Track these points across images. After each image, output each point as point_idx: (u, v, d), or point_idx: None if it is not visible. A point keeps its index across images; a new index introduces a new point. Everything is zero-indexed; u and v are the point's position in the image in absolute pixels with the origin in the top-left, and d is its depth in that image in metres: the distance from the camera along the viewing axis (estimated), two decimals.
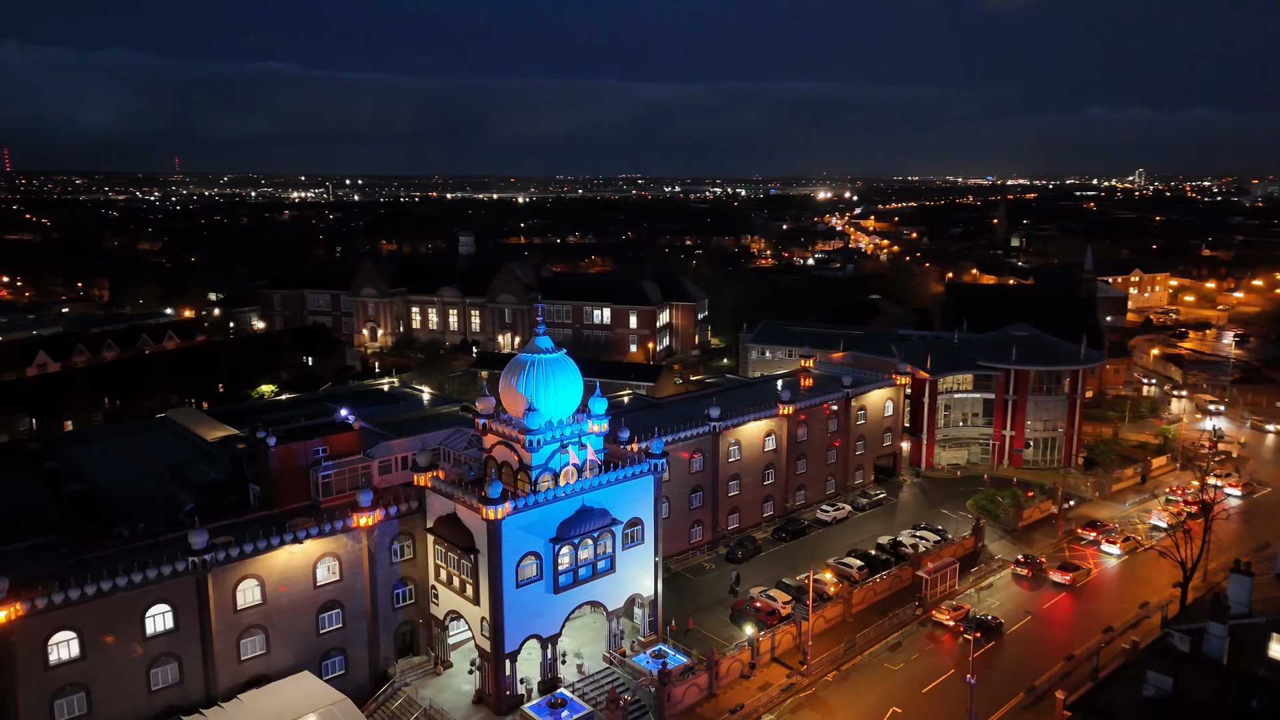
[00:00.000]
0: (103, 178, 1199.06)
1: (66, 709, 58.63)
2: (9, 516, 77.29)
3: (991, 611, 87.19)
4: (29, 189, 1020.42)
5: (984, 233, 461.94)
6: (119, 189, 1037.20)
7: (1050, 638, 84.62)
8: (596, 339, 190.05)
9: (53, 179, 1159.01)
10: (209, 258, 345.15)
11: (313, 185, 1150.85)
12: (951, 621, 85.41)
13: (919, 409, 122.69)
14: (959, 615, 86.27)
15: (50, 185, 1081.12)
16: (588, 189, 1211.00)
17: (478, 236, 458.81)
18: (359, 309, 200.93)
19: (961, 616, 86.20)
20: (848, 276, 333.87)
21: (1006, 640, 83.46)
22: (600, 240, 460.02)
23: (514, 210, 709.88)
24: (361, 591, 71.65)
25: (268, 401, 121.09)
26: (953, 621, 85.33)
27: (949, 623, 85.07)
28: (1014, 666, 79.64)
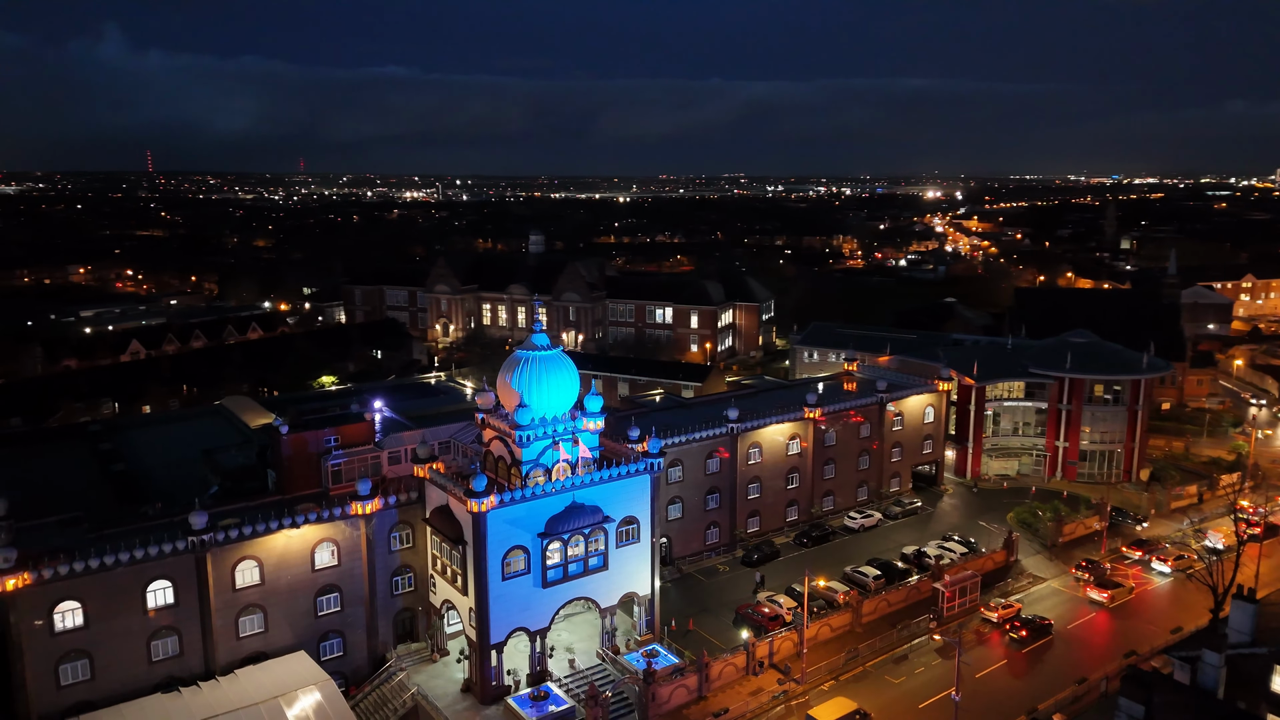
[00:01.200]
0: (234, 178, 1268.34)
1: (70, 674, 63.05)
2: (57, 492, 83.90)
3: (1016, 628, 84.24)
4: (167, 188, 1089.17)
5: (1095, 234, 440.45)
6: (247, 189, 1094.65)
7: (1068, 658, 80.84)
8: (658, 338, 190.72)
9: (189, 179, 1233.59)
10: (313, 254, 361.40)
11: (425, 185, 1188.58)
12: (997, 619, 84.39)
13: (965, 416, 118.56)
14: (1008, 614, 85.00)
15: (186, 185, 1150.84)
16: (689, 189, 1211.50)
17: (571, 235, 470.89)
18: (433, 305, 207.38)
19: (1011, 615, 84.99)
20: (938, 278, 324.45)
21: (1019, 659, 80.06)
22: (690, 240, 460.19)
23: (612, 210, 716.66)
24: (360, 577, 74.36)
25: (319, 391, 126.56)
26: (998, 619, 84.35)
27: (995, 619, 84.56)
28: (1022, 686, 76.58)
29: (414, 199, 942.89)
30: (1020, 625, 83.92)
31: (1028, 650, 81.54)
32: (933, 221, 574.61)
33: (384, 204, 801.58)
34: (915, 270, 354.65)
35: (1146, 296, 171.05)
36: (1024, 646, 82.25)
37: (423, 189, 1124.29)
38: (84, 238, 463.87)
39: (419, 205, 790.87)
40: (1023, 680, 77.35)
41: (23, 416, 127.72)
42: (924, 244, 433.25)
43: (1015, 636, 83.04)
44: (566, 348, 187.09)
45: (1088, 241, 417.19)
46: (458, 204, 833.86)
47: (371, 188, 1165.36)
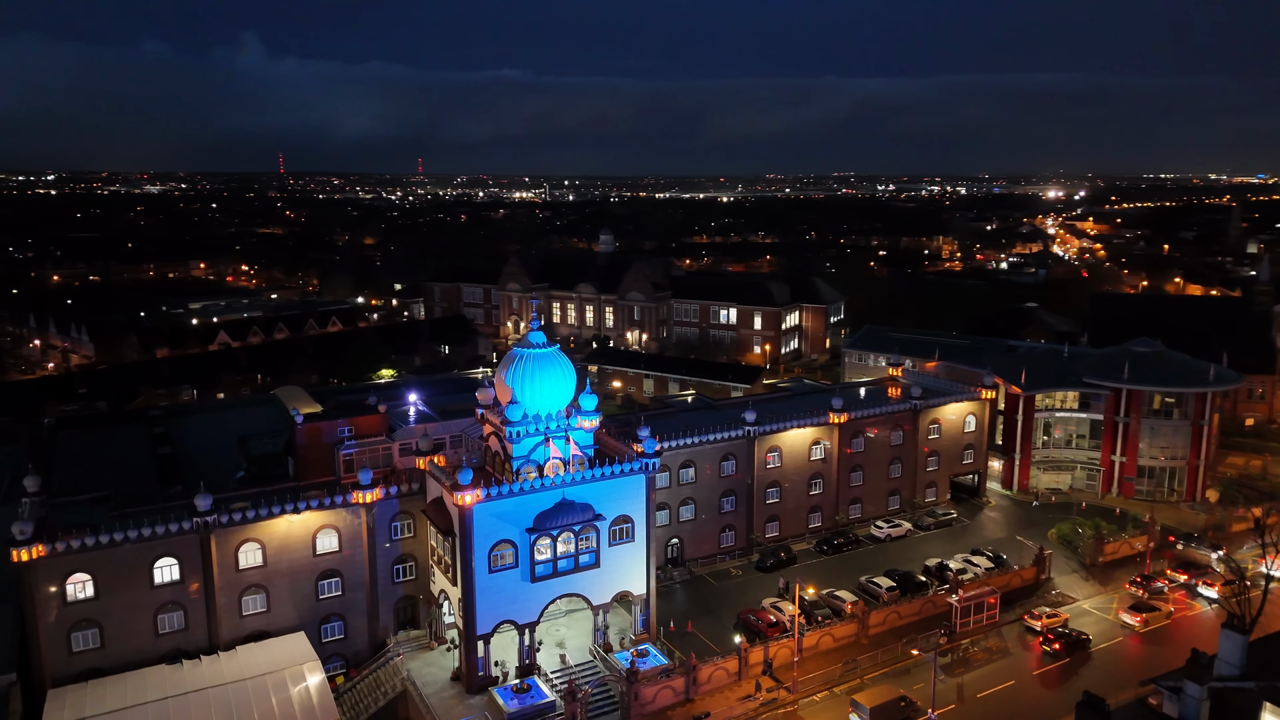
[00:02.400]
0: (356, 179, 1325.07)
1: (81, 641, 67.82)
2: (107, 471, 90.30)
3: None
4: (294, 188, 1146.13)
5: (1220, 237, 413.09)
6: (367, 189, 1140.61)
7: (1081, 682, 76.65)
8: (722, 339, 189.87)
9: (315, 179, 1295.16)
10: (413, 252, 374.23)
11: (534, 186, 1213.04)
12: (1040, 628, 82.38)
13: (1013, 426, 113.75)
14: (1053, 624, 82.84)
15: (312, 185, 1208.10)
16: (795, 188, 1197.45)
17: (665, 235, 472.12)
18: (505, 303, 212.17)
19: (1057, 625, 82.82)
20: (1037, 282, 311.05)
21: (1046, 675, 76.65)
22: (784, 240, 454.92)
23: (712, 209, 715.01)
24: (361, 564, 77.25)
25: (369, 384, 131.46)
26: (1041, 628, 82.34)
27: (1038, 628, 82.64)
28: (1027, 712, 73.31)
29: (522, 199, 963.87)
30: (1054, 638, 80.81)
31: (1059, 665, 78.95)
32: (1044, 223, 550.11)
33: (492, 204, 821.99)
34: (1015, 273, 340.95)
35: (1237, 305, 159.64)
36: (1057, 660, 79.47)
37: (532, 189, 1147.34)
38: (210, 235, 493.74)
39: (525, 205, 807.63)
40: (1023, 704, 74.03)
41: (108, 400, 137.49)
42: (1029, 246, 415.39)
43: (1049, 650, 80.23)
44: (632, 346, 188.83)
45: (1211, 245, 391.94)
46: (563, 204, 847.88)
47: (484, 188, 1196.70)
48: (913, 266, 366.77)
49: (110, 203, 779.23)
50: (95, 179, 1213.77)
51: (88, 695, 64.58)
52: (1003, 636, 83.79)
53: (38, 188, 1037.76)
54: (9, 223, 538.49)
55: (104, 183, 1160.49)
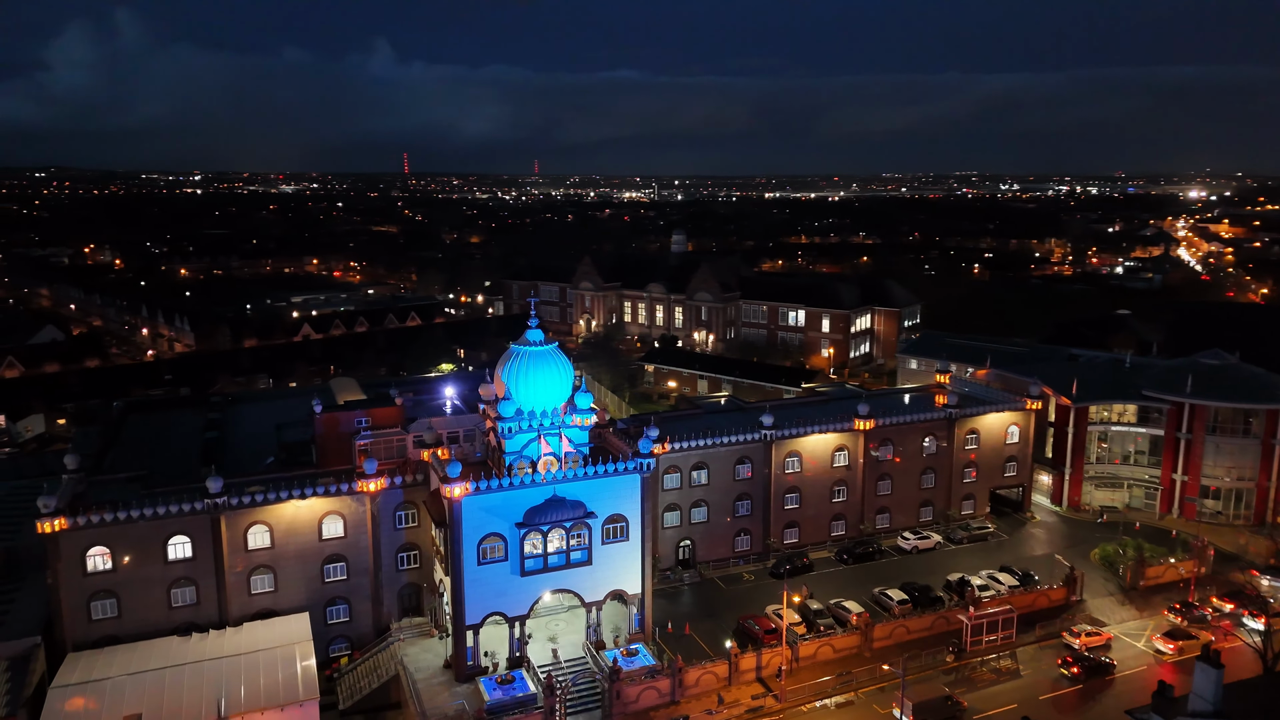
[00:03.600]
0: (475, 179, 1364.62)
1: (100, 610, 72.85)
2: (156, 452, 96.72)
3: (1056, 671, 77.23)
4: (416, 188, 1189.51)
5: None
6: (484, 189, 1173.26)
7: (1091, 712, 72.70)
8: (790, 341, 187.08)
9: (436, 180, 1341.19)
10: (513, 250, 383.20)
11: (645, 186, 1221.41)
12: (1079, 645, 79.54)
13: (1063, 439, 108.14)
14: (1094, 643, 79.85)
15: (433, 185, 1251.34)
16: (911, 187, 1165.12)
17: (764, 234, 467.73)
18: (577, 301, 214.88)
19: (1099, 645, 79.88)
20: (1151, 288, 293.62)
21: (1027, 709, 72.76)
22: (885, 240, 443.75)
23: (819, 209, 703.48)
24: (365, 550, 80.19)
25: (417, 377, 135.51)
26: (1080, 646, 79.46)
27: (1076, 645, 79.72)
28: None
29: (630, 199, 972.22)
30: (1073, 661, 76.97)
31: (1075, 690, 75.40)
32: (1172, 225, 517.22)
33: (600, 204, 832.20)
34: (1129, 278, 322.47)
35: None
36: (1074, 684, 75.88)
37: (641, 190, 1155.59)
38: (328, 232, 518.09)
39: (629, 205, 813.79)
40: None
41: (191, 386, 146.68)
42: (1149, 250, 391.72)
43: (1067, 673, 76.46)
44: (699, 347, 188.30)
45: None
46: (669, 204, 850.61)
47: (595, 188, 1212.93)
48: (1018, 270, 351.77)
49: (245, 201, 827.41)
50: (237, 179, 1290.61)
51: (99, 660, 69.43)
52: (1016, 658, 79.97)
53: (185, 187, 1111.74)
54: (155, 220, 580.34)
55: (244, 183, 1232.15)
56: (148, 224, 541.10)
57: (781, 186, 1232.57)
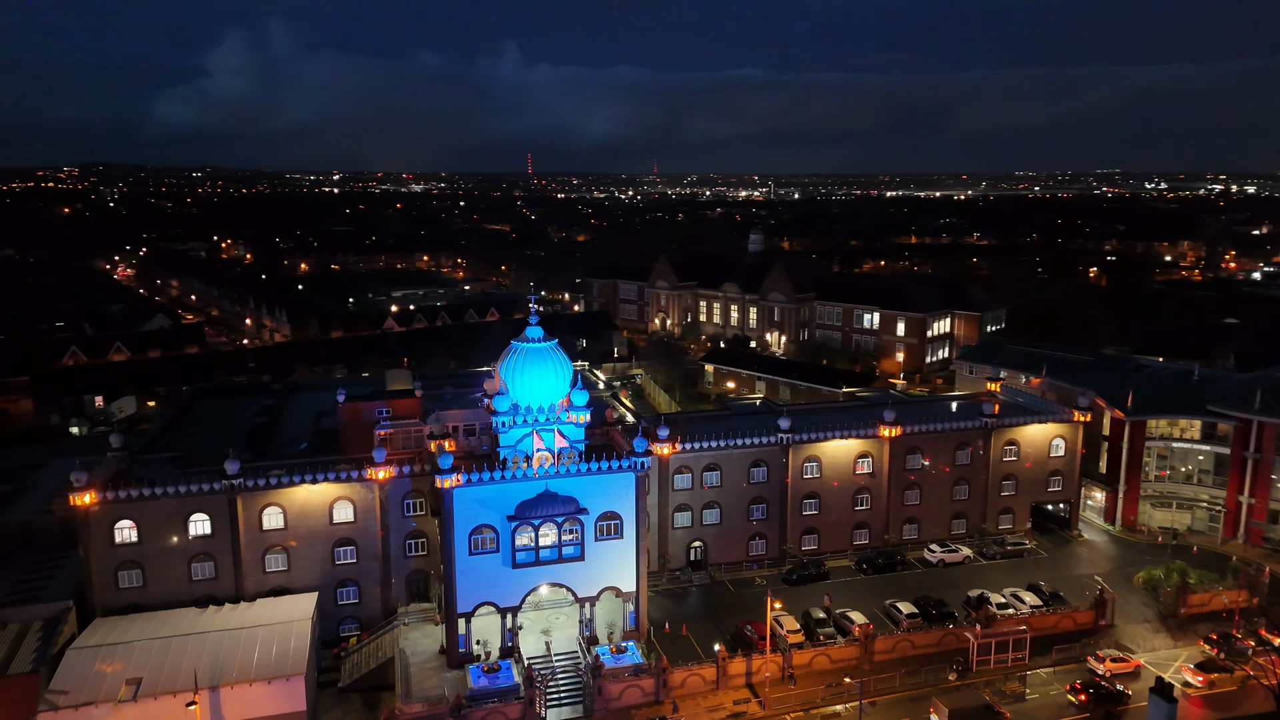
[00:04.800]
0: (594, 178, 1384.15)
1: (126, 579, 78.42)
2: (209, 434, 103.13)
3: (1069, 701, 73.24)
4: (538, 188, 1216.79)
5: None
6: (602, 189, 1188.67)
7: None
8: (864, 344, 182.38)
9: (557, 179, 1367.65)
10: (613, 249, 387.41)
11: (763, 185, 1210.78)
12: (1104, 670, 75.71)
13: (1118, 454, 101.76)
14: (1120, 669, 75.83)
15: (553, 185, 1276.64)
16: (1046, 186, 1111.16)
17: (873, 234, 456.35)
18: (653, 299, 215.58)
19: (1125, 672, 75.78)
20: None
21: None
22: (999, 241, 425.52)
23: (939, 208, 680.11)
24: (374, 535, 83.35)
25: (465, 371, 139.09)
26: (1105, 671, 75.61)
27: (1100, 670, 75.80)
28: None
29: (745, 198, 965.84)
30: (1082, 688, 72.93)
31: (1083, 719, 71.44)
32: None
33: (714, 203, 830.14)
34: (1267, 285, 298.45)
35: None
36: (1082, 712, 71.86)
37: (757, 189, 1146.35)
38: (444, 230, 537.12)
39: (744, 204, 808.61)
40: None
41: (271, 374, 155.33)
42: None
43: (1074, 701, 72.56)
44: (771, 348, 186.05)
45: None
46: (784, 202, 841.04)
47: (711, 187, 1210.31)
48: (1141, 273, 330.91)
49: (374, 200, 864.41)
50: (371, 179, 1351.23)
51: (120, 626, 74.75)
52: (1025, 682, 76.01)
53: (323, 186, 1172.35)
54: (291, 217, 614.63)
55: (377, 182, 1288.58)
56: (284, 221, 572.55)
57: (905, 185, 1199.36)
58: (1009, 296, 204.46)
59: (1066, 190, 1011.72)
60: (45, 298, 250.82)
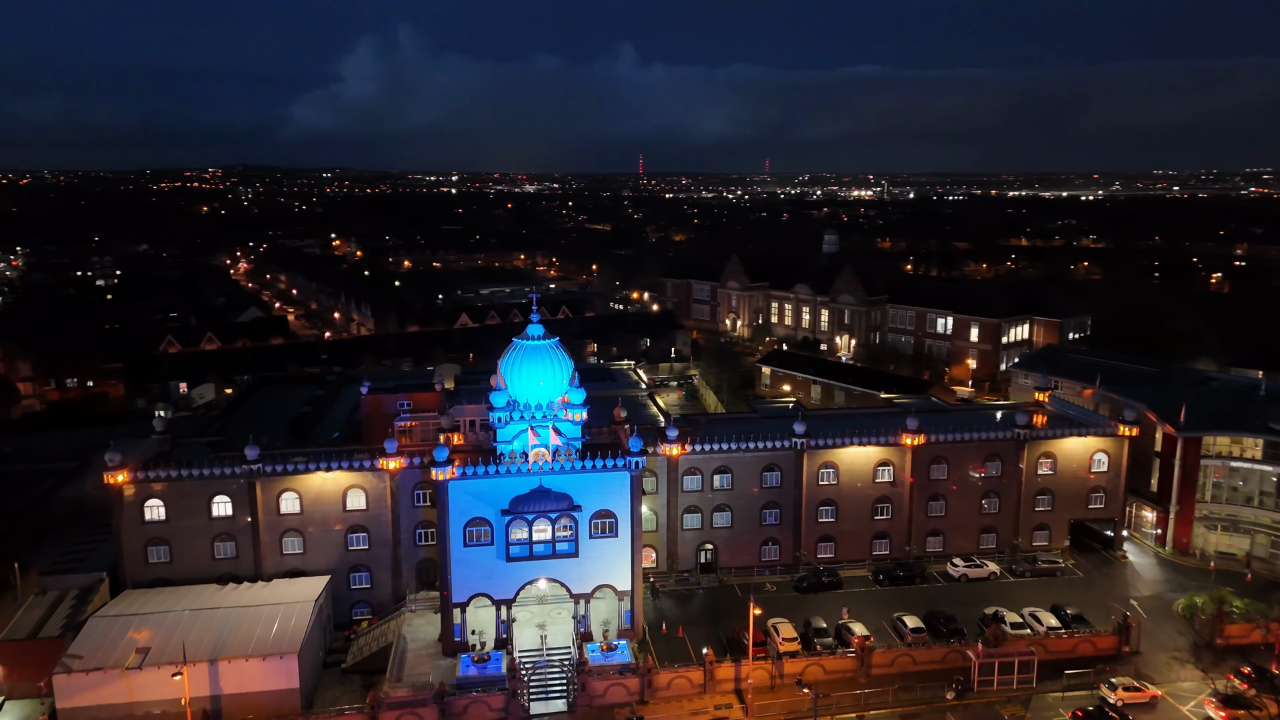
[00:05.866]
0: (703, 179, 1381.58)
1: (155, 555, 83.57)
2: (259, 421, 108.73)
3: None
4: (647, 188, 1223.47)
5: None
6: (711, 189, 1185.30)
7: None
8: (937, 349, 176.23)
9: (667, 179, 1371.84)
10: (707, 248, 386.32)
11: (876, 185, 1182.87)
12: (1116, 700, 71.80)
13: (1169, 472, 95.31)
14: (1135, 699, 71.75)
15: (662, 185, 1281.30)
16: (1186, 186, 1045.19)
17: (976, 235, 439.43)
18: (724, 300, 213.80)
19: (1141, 701, 71.71)
20: None
21: None
22: (1115, 244, 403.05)
23: (1060, 209, 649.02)
24: (385, 523, 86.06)
25: None
26: (1117, 701, 71.63)
27: (1113, 699, 71.72)
28: None
29: (856, 198, 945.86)
30: (1083, 716, 69.13)
31: None
32: None
33: (822, 203, 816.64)
34: None
35: None
36: None
37: (870, 188, 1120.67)
38: (546, 229, 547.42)
39: (854, 204, 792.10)
40: None
41: (342, 365, 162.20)
42: None
43: None
44: (841, 352, 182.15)
45: None
46: (895, 203, 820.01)
47: (823, 187, 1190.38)
48: (1273, 279, 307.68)
49: (487, 200, 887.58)
50: (488, 179, 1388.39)
51: (144, 598, 79.79)
52: (1028, 706, 72.33)
53: (441, 187, 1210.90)
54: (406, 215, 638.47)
55: (493, 183, 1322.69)
56: (399, 220, 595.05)
57: (1029, 184, 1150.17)
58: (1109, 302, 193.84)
59: (1207, 190, 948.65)
60: (168, 290, 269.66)
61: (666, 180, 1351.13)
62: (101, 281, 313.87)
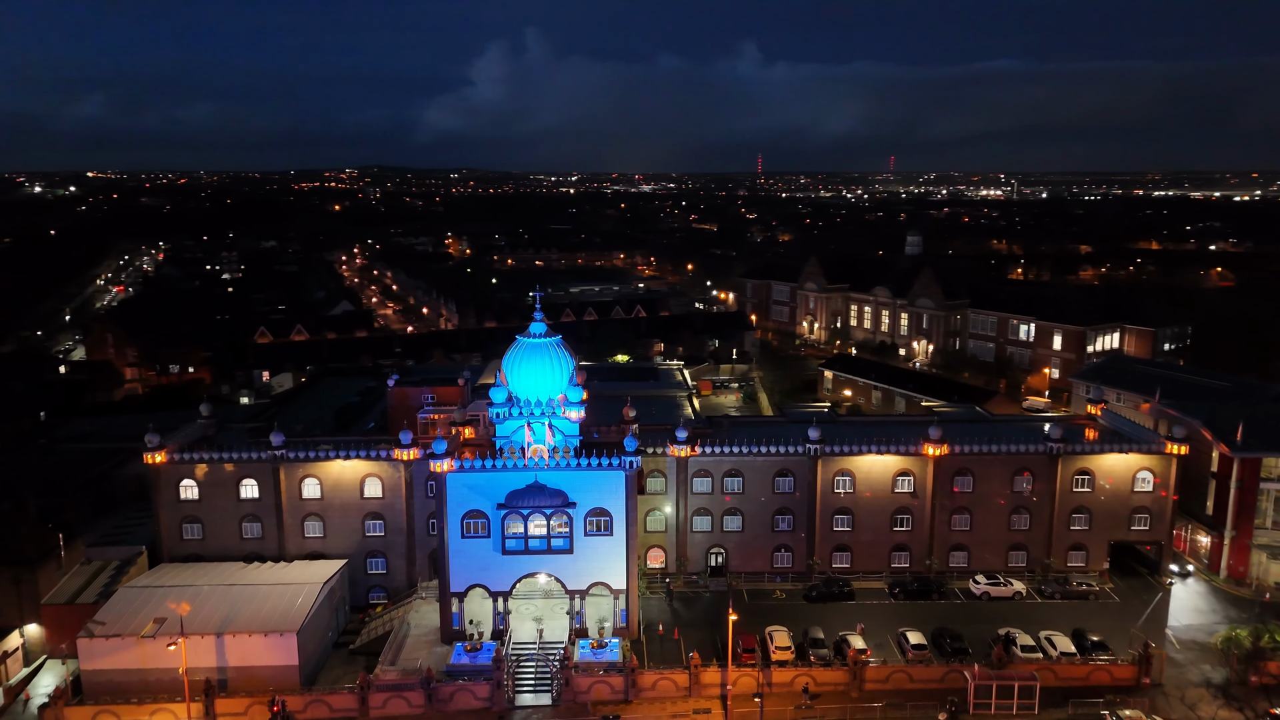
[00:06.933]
0: (823, 178, 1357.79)
1: (189, 532, 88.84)
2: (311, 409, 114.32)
3: None
4: (764, 188, 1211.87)
5: None
6: (831, 188, 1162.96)
7: None
8: (1018, 357, 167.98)
9: (786, 179, 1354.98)
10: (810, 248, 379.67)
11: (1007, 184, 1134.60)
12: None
13: (1224, 495, 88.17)
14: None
15: (780, 185, 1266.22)
16: None
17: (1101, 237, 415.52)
18: (802, 302, 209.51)
19: None
20: None
21: None
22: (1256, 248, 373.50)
23: (1202, 210, 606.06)
24: (400, 512, 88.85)
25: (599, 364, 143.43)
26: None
27: None
28: None
29: (983, 197, 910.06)
30: None
31: None
32: None
33: (944, 203, 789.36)
34: None
35: None
36: None
37: (1000, 188, 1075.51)
38: (654, 229, 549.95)
39: (977, 204, 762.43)
40: None
41: (414, 358, 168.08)
42: None
43: None
44: (917, 358, 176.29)
45: None
46: (1025, 202, 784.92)
47: (949, 186, 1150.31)
48: None
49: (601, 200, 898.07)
50: (605, 180, 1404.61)
51: (173, 572, 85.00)
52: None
53: (560, 187, 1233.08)
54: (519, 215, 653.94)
55: (611, 183, 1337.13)
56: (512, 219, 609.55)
57: (1178, 184, 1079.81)
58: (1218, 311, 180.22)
59: None
60: (282, 284, 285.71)
61: (785, 180, 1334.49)
62: (226, 275, 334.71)
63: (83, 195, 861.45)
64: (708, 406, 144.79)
